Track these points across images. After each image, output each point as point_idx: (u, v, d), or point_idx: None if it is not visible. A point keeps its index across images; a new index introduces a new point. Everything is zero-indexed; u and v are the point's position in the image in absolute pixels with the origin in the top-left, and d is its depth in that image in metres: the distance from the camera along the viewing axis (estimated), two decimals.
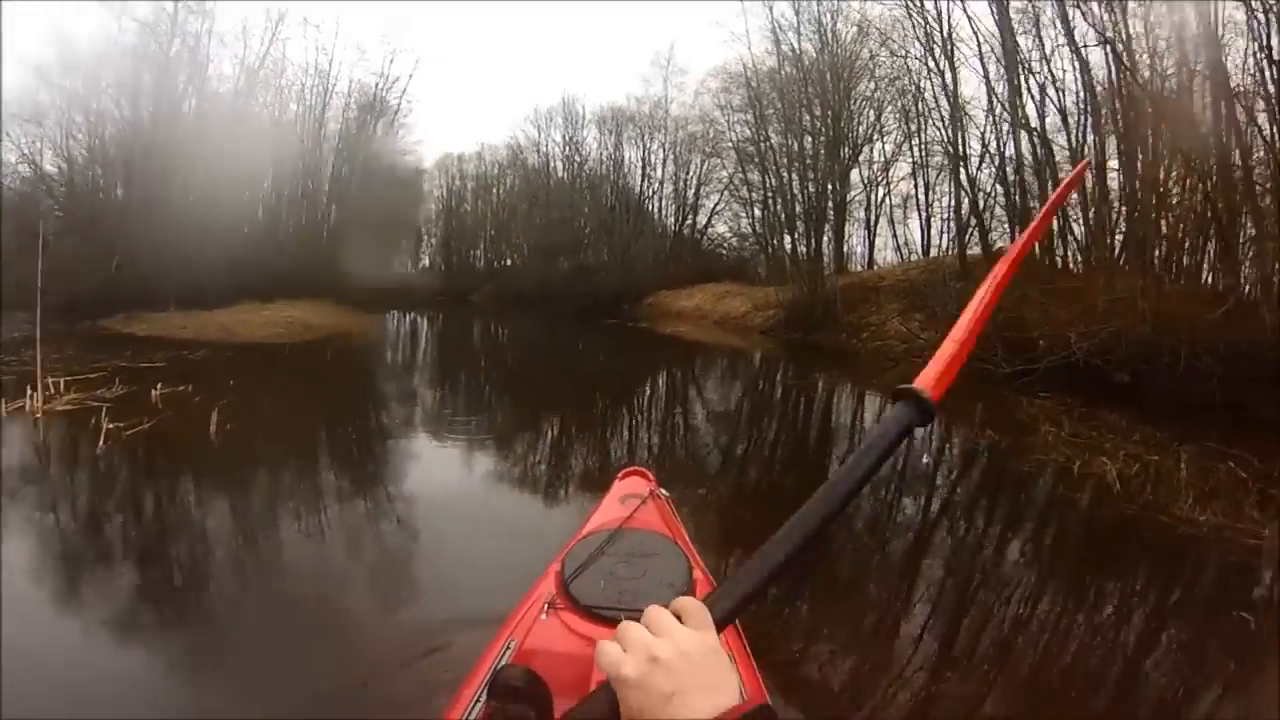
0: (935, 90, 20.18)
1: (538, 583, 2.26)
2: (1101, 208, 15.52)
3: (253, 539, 4.77)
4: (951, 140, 19.58)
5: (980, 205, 19.12)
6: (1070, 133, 16.62)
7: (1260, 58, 11.72)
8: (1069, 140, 16.69)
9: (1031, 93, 17.15)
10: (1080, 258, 16.41)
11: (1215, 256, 13.43)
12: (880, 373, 15.06)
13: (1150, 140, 14.16)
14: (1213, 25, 12.46)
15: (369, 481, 6.42)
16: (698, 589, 2.10)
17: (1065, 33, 15.79)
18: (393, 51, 32.01)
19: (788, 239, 25.20)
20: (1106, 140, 15.69)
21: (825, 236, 23.82)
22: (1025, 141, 17.24)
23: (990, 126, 18.82)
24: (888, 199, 27.07)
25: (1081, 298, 13.55)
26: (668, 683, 0.57)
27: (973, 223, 19.67)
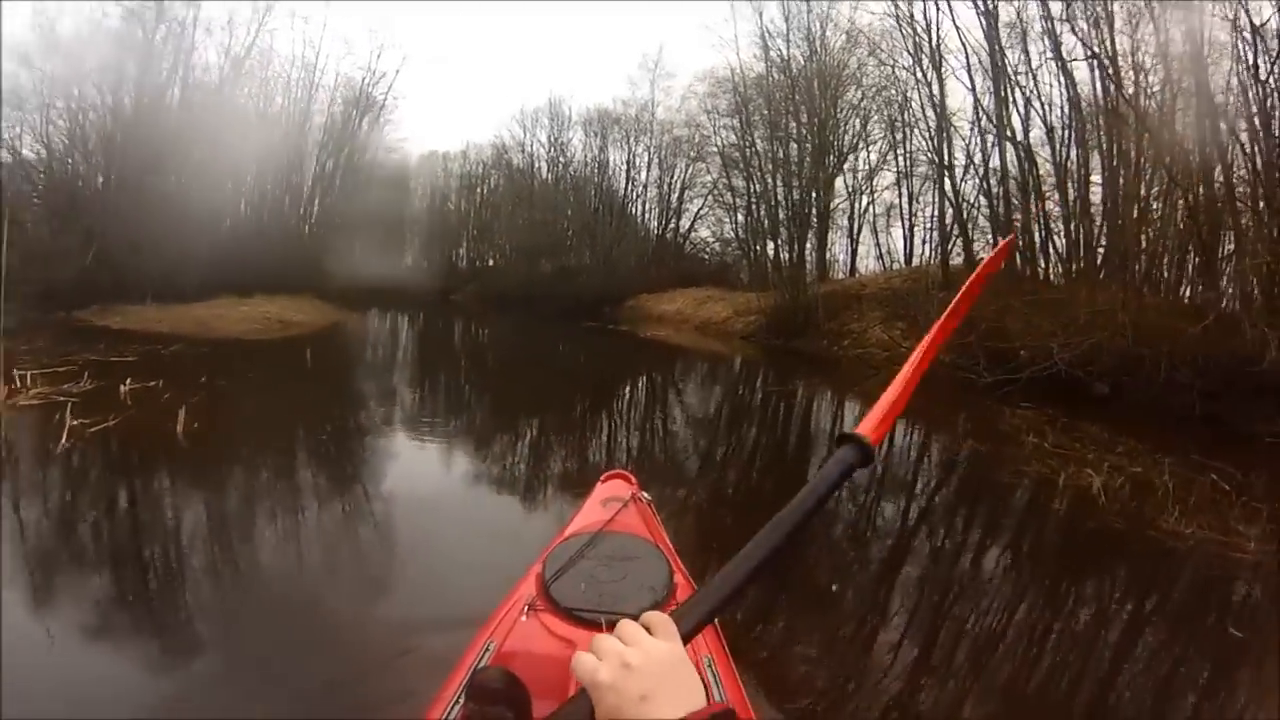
0: (922, 100, 20.28)
1: (518, 584, 2.23)
2: (1083, 221, 15.65)
3: (216, 542, 4.58)
4: (937, 150, 19.67)
5: (964, 215, 19.20)
6: (1055, 146, 16.72)
7: (1245, 76, 11.87)
8: (1053, 154, 16.80)
9: (1017, 105, 17.30)
10: (1061, 269, 16.53)
11: (1195, 271, 13.57)
12: (861, 380, 15.06)
13: (1133, 155, 14.29)
14: (1199, 43, 12.60)
15: (343, 483, 6.27)
16: (678, 592, 2.11)
17: (1052, 47, 15.93)
18: (380, 46, 32.09)
19: (770, 245, 25.24)
20: (1090, 154, 15.82)
21: (808, 243, 23.83)
22: (1010, 153, 17.36)
23: (975, 138, 18.97)
24: (871, 207, 27.26)
25: (1063, 309, 13.64)
26: (640, 687, 0.64)
27: (956, 233, 19.77)
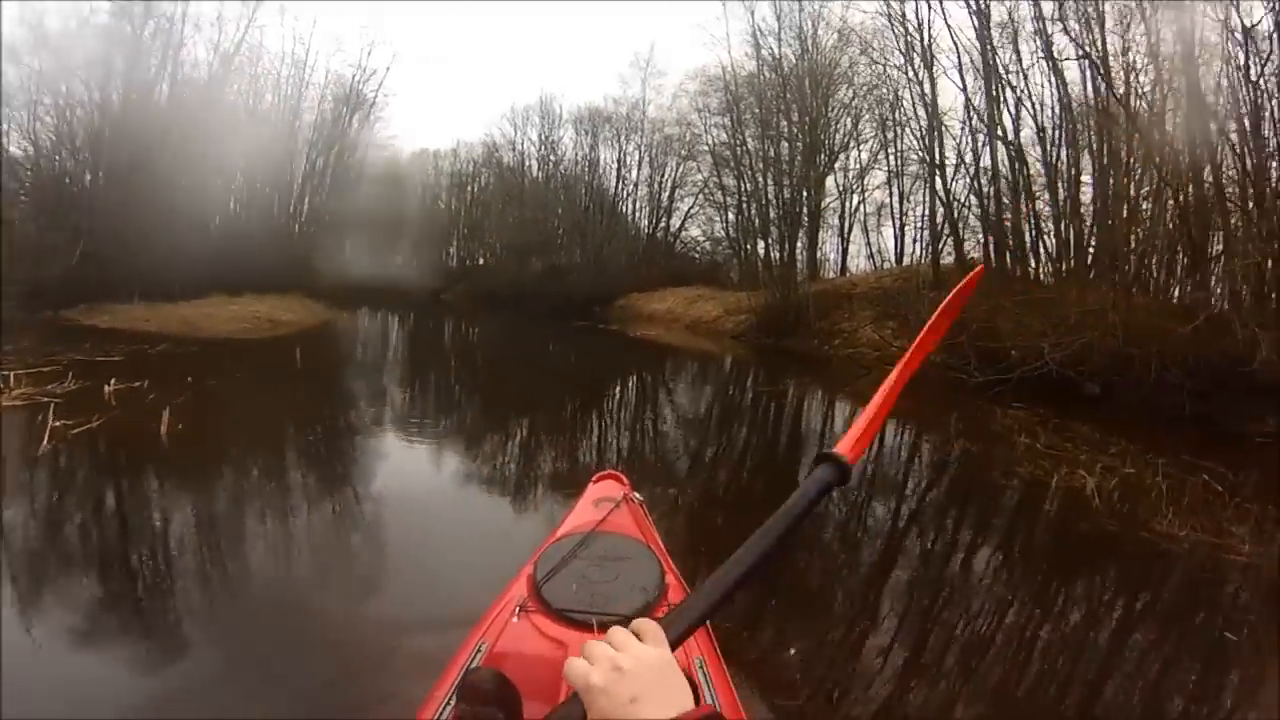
0: (914, 99, 20.27)
1: (509, 585, 2.23)
2: (1074, 221, 15.68)
3: (203, 544, 4.51)
4: (928, 149, 19.68)
5: (955, 215, 19.24)
6: (1045, 146, 16.77)
7: (1236, 77, 11.92)
8: (1044, 153, 16.86)
9: (1008, 105, 17.33)
10: (1050, 269, 16.59)
11: (1185, 271, 13.61)
12: (852, 380, 15.07)
13: (1124, 155, 14.33)
14: (1190, 43, 12.65)
15: (332, 483, 6.21)
16: (670, 593, 2.12)
17: (1044, 46, 15.97)
18: (370, 44, 31.93)
19: (761, 244, 25.28)
20: (1081, 153, 15.86)
21: (799, 242, 23.86)
22: (1001, 152, 17.39)
23: (966, 137, 18.99)
24: (862, 206, 27.23)
25: (1054, 309, 13.67)
26: (630, 690, 0.66)
27: (946, 232, 19.81)
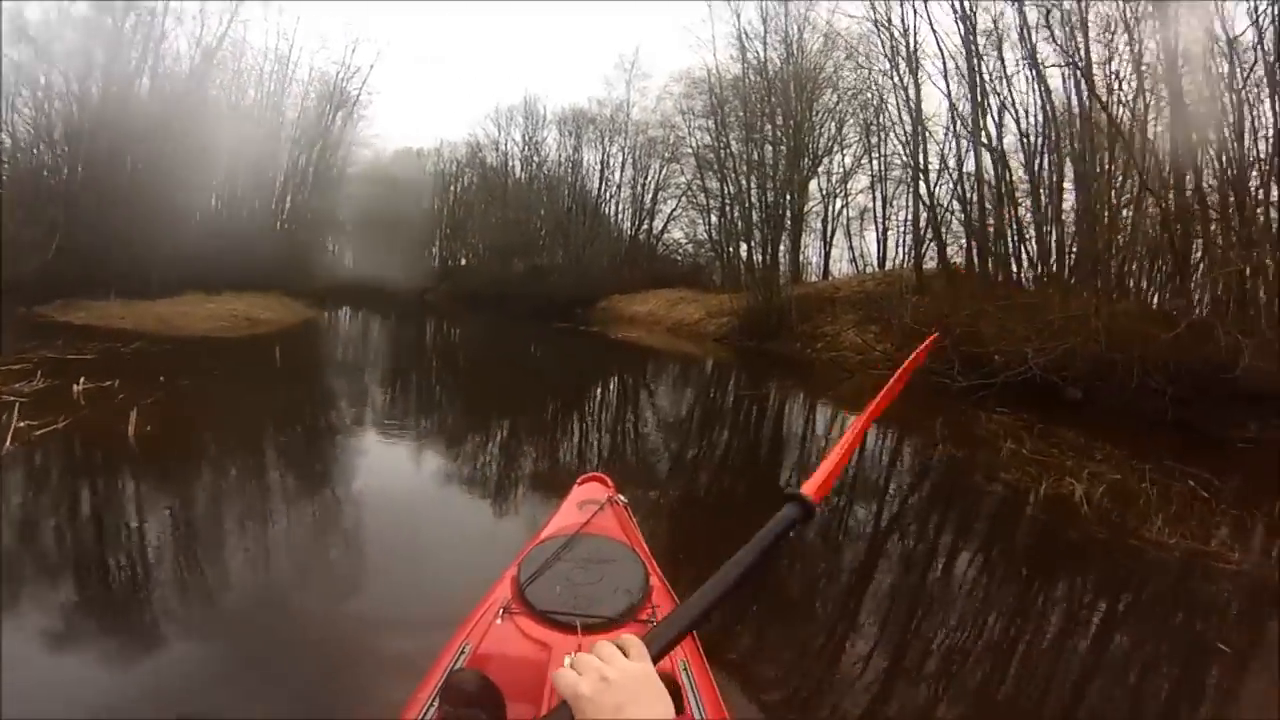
0: (898, 104, 20.33)
1: (494, 586, 2.24)
2: (1055, 226, 15.77)
3: (177, 548, 4.35)
4: (912, 154, 19.75)
5: (938, 219, 19.32)
6: (1028, 151, 16.86)
7: (1219, 85, 12.03)
8: (1027, 159, 16.96)
9: (991, 111, 17.43)
10: (1033, 274, 16.67)
11: (1166, 277, 13.72)
12: (835, 383, 15.13)
13: (1106, 161, 14.42)
14: (1173, 52, 12.76)
15: (311, 484, 6.09)
16: (654, 595, 2.16)
17: (1028, 53, 16.07)
18: (355, 41, 31.67)
19: (744, 247, 25.36)
20: (1063, 159, 15.95)
21: (782, 245, 23.91)
22: (985, 158, 17.46)
23: (950, 142, 19.10)
24: (845, 211, 27.45)
25: (1037, 314, 13.74)
26: (616, 698, 0.70)
27: (929, 236, 19.90)
